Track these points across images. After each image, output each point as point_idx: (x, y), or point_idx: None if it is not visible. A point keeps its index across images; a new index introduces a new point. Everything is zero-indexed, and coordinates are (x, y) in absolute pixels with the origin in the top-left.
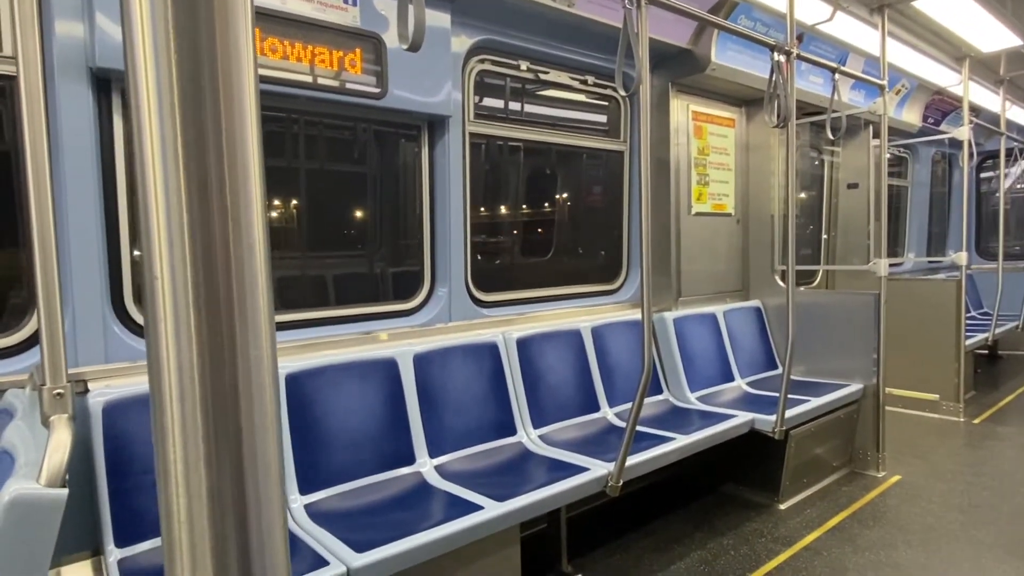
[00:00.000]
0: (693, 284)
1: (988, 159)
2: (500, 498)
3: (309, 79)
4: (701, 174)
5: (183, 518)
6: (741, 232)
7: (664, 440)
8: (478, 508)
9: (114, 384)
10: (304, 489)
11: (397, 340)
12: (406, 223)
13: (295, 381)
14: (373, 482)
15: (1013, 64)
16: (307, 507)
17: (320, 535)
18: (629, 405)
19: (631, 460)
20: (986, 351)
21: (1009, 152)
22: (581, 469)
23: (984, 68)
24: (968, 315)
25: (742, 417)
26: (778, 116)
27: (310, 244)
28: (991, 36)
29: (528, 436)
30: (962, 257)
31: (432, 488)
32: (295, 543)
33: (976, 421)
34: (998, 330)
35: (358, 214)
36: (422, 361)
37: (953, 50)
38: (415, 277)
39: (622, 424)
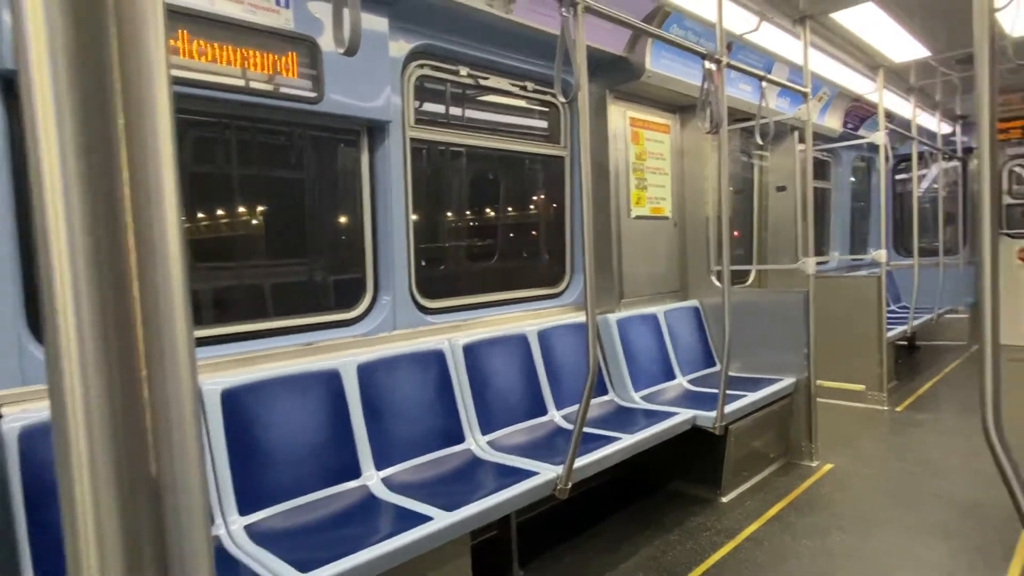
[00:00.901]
0: (635, 286)
1: (902, 162)
2: (449, 507)
3: (241, 83)
4: (639, 178)
5: (94, 569)
6: (678, 234)
7: (611, 440)
8: (427, 519)
9: (31, 408)
10: (244, 509)
11: (340, 351)
12: (347, 230)
13: (232, 397)
14: (318, 498)
15: (922, 74)
16: (248, 528)
17: (262, 557)
18: (576, 407)
19: (579, 462)
20: (906, 342)
21: (920, 156)
22: (530, 473)
23: (897, 77)
24: (888, 309)
25: (684, 415)
26: (711, 122)
27: (246, 253)
28: (902, 48)
29: (476, 443)
30: (882, 255)
31: (379, 501)
32: (235, 567)
33: (899, 409)
34: (916, 322)
35: (296, 221)
36: (366, 371)
37: (869, 60)
38: (357, 285)
39: (569, 426)
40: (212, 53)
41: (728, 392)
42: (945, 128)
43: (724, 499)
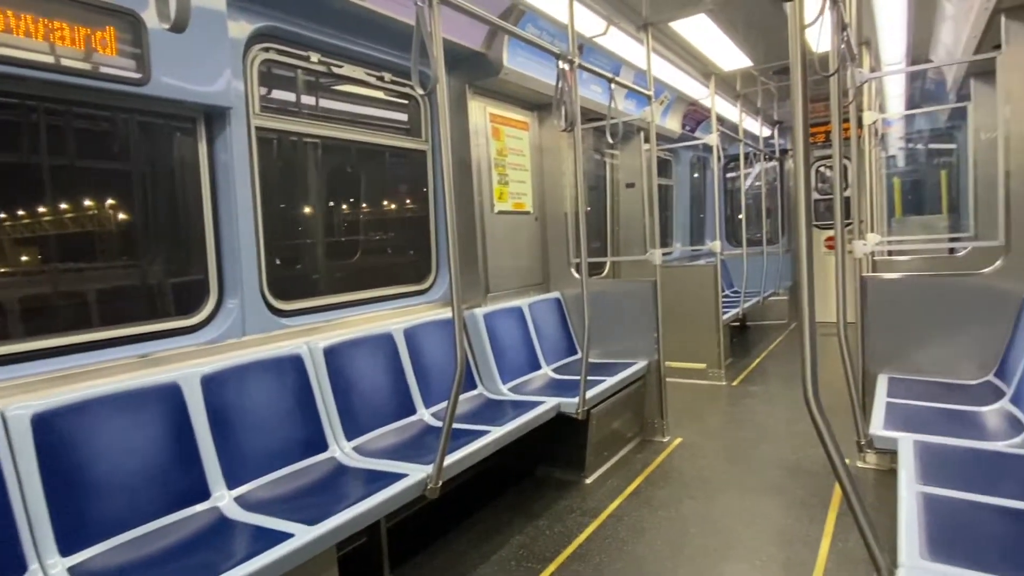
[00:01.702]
0: (500, 280)
1: (731, 161)
2: (312, 521)
3: (49, 59)
4: (501, 174)
5: None
6: (540, 229)
7: (480, 434)
8: (288, 536)
9: None
10: (67, 549)
11: (182, 361)
12: (186, 227)
13: (47, 422)
14: (160, 527)
15: (746, 82)
16: (73, 570)
17: None
18: (445, 404)
19: (449, 459)
20: (738, 323)
21: (746, 156)
22: (399, 476)
23: (726, 84)
24: (723, 294)
25: (549, 403)
26: (566, 120)
27: (64, 255)
28: (730, 58)
29: (341, 449)
30: (716, 245)
31: (233, 522)
32: None
33: (735, 383)
34: (746, 305)
35: (125, 218)
36: (212, 383)
37: (702, 67)
38: (200, 288)
39: (439, 424)
40: (4, 21)
41: (588, 378)
42: (766, 131)
43: (588, 480)
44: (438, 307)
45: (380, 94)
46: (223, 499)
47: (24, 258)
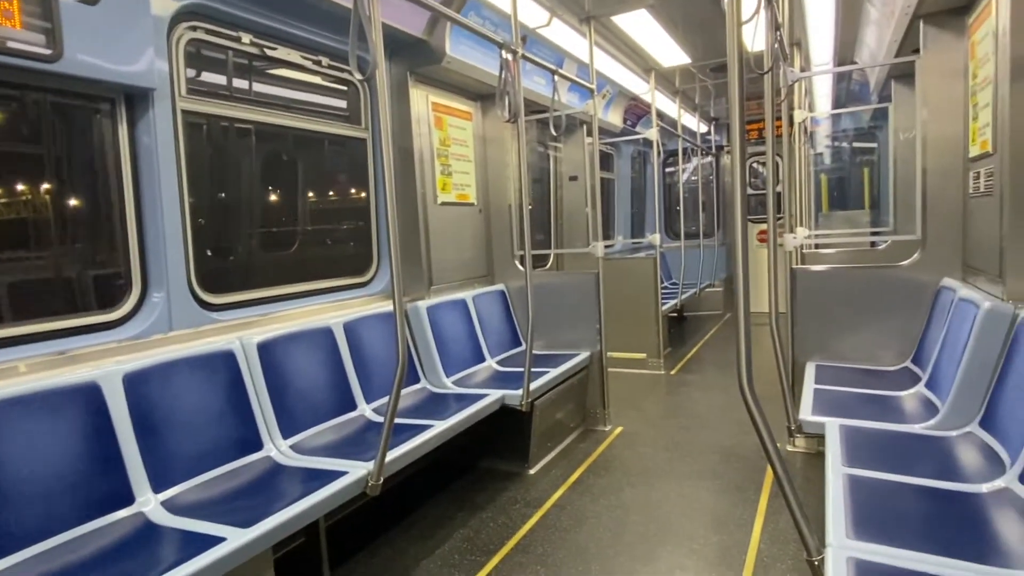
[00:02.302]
0: (443, 272)
1: (670, 156)
2: (245, 524)
3: None
4: (444, 164)
5: None
6: (484, 221)
7: (423, 429)
8: (219, 540)
9: None
10: None
11: (101, 359)
12: (105, 214)
13: None
14: (78, 535)
15: (684, 79)
16: None
17: None
18: (387, 399)
19: (391, 455)
20: (676, 314)
21: (684, 151)
22: (339, 474)
23: (665, 80)
24: (662, 285)
25: (494, 395)
26: (509, 111)
27: None
28: (669, 54)
29: (277, 448)
30: (656, 238)
31: (159, 528)
32: None
33: (673, 372)
34: (683, 296)
35: (35, 205)
36: (135, 381)
37: (643, 63)
38: (120, 280)
39: (380, 419)
40: None
41: (532, 370)
42: (703, 128)
43: (532, 471)
44: (380, 300)
45: (317, 79)
46: (148, 504)
47: None
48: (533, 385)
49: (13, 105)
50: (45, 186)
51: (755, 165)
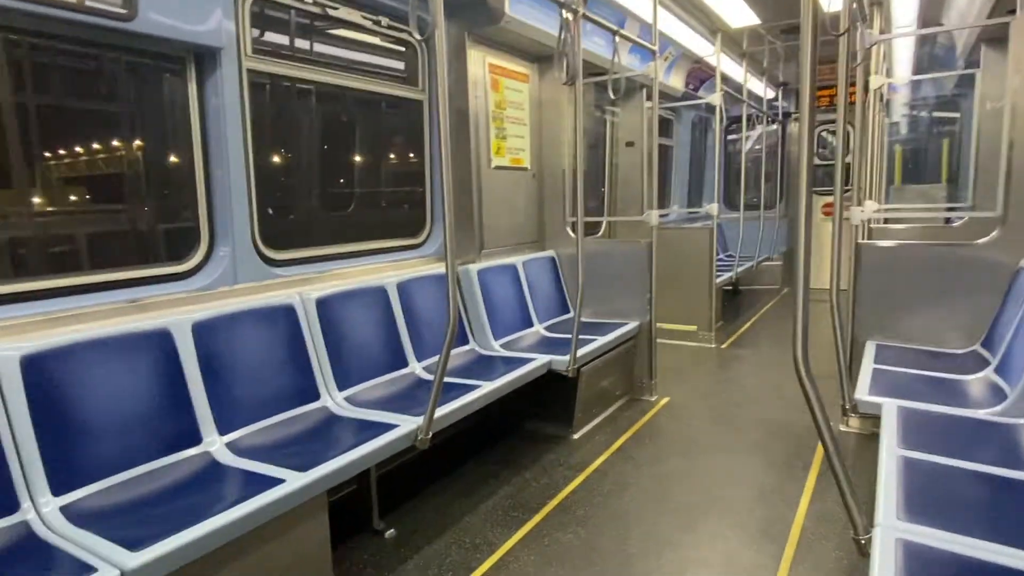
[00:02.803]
0: (495, 236)
1: (733, 123)
2: (303, 468)
3: None
4: (499, 128)
5: None
6: (536, 186)
7: (471, 388)
8: (279, 481)
9: None
10: (58, 489)
11: (172, 308)
12: (177, 172)
13: (37, 363)
14: (151, 469)
15: (753, 41)
16: (64, 509)
17: (83, 538)
18: (437, 358)
19: (440, 411)
20: (731, 287)
21: (748, 118)
22: (390, 427)
23: (732, 43)
24: (718, 257)
25: (540, 359)
26: (567, 74)
27: (52, 198)
28: (737, 14)
29: (333, 399)
30: (714, 208)
31: (224, 467)
32: (49, 553)
33: (724, 346)
34: (739, 269)
35: (114, 161)
36: (203, 330)
37: (709, 23)
38: (191, 235)
39: (430, 377)
40: None
41: (580, 337)
42: (770, 93)
43: (575, 436)
44: (432, 262)
45: (376, 40)
46: (214, 444)
47: (11, 199)
48: (580, 352)
49: (91, 64)
50: (119, 142)
51: (824, 134)
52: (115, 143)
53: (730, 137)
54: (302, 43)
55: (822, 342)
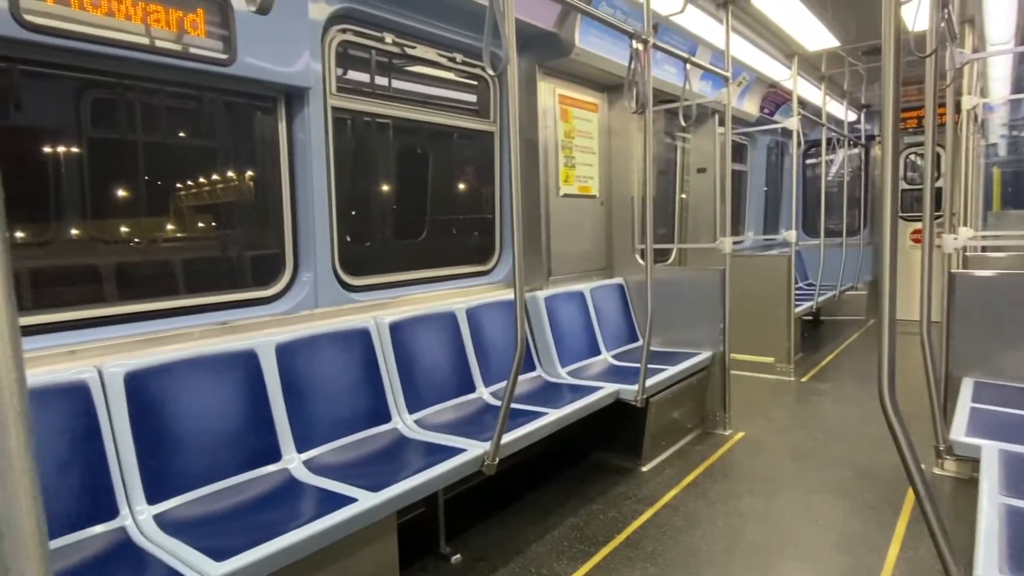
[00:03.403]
0: (562, 263)
1: (812, 147)
2: (375, 488)
3: (144, 40)
4: (568, 156)
5: None
6: (605, 213)
7: (537, 415)
8: (352, 500)
9: None
10: (153, 498)
11: (258, 330)
12: (265, 203)
13: (137, 380)
14: (235, 483)
15: (832, 63)
16: (157, 517)
17: (174, 547)
18: (504, 383)
19: (507, 438)
20: (811, 317)
21: (828, 142)
22: (458, 451)
23: (809, 66)
24: (796, 286)
25: (608, 388)
26: (637, 102)
27: (154, 226)
28: (815, 37)
29: (403, 422)
30: (792, 235)
31: (301, 484)
32: (143, 559)
33: (804, 379)
34: (820, 299)
35: (209, 193)
36: (286, 352)
37: (785, 47)
38: (276, 262)
39: (497, 403)
40: (108, 5)
41: (649, 366)
42: (851, 116)
43: (644, 468)
44: (500, 288)
45: (451, 75)
46: (293, 462)
47: (119, 229)
48: (650, 381)
49: (193, 104)
50: (215, 176)
51: (912, 157)
52: (212, 177)
53: (808, 162)
54: (381, 80)
55: (912, 378)
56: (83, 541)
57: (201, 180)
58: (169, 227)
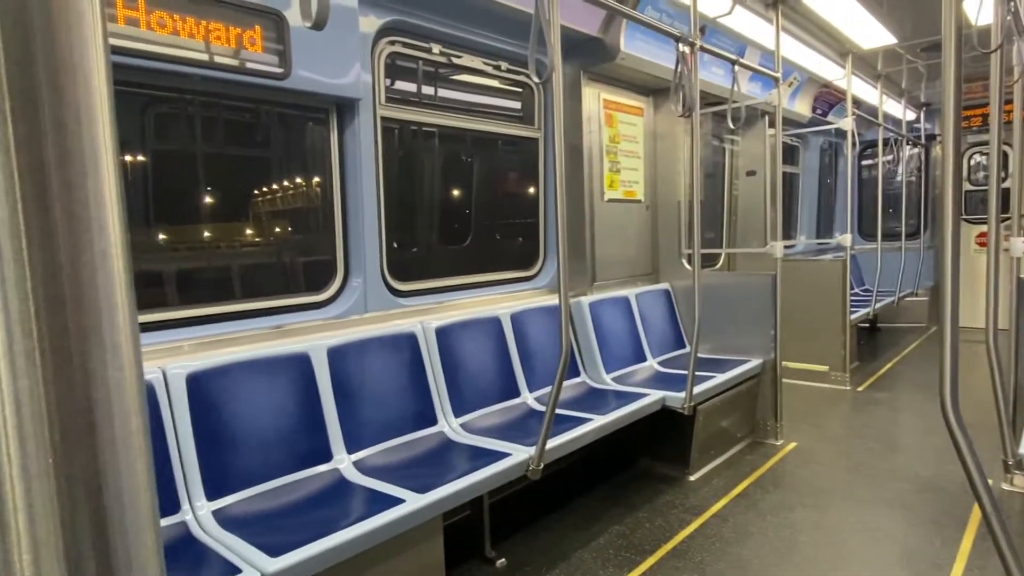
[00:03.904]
0: (607, 269)
1: (868, 148)
2: (422, 490)
3: (205, 57)
4: (612, 161)
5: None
6: (650, 218)
7: (582, 421)
8: (400, 501)
9: None
10: (212, 494)
11: (310, 334)
12: (317, 211)
13: (197, 381)
14: (288, 482)
15: (889, 61)
16: (216, 513)
17: (231, 542)
18: (548, 389)
19: (551, 443)
20: (868, 324)
21: (886, 142)
22: (503, 455)
23: (864, 64)
24: (852, 292)
25: (654, 395)
26: (683, 106)
27: (213, 233)
28: (871, 34)
29: (449, 425)
30: (847, 239)
31: (351, 484)
32: (203, 552)
33: (860, 389)
34: (878, 305)
35: (264, 201)
36: (337, 355)
37: (838, 46)
38: (328, 267)
39: (542, 408)
40: (173, 25)
41: (697, 373)
42: (910, 115)
43: (692, 477)
44: (545, 294)
45: (496, 83)
46: (343, 462)
47: (181, 236)
48: (697, 389)
49: (249, 117)
50: (270, 185)
51: (977, 156)
52: (267, 186)
53: (864, 163)
54: (428, 90)
55: (979, 389)
56: None
57: (257, 189)
58: (227, 234)
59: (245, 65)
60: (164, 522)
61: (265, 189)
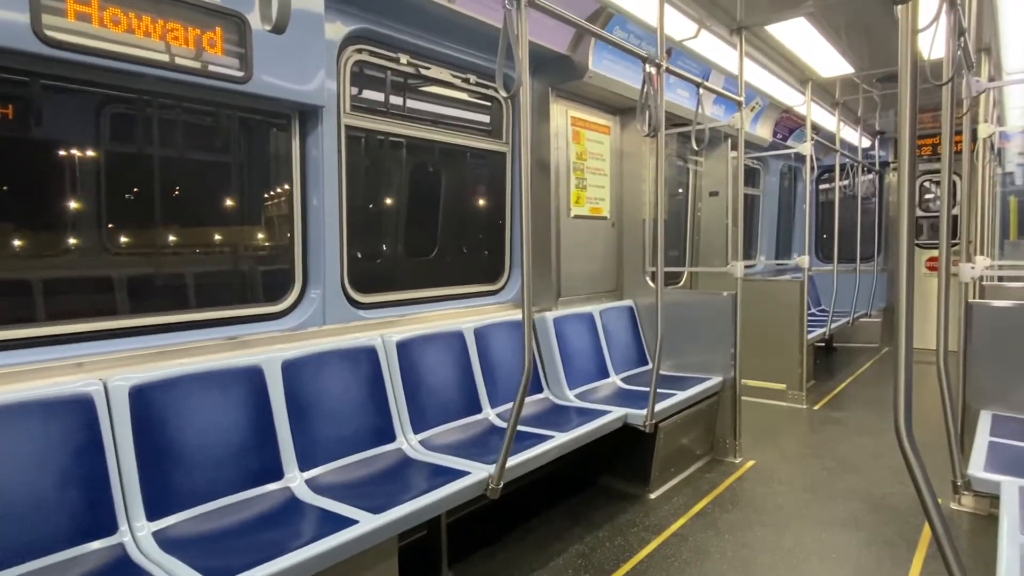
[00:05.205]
0: (572, 285)
1: (826, 172)
2: (376, 510)
3: (163, 57)
4: (579, 178)
5: None
6: (616, 235)
7: (544, 439)
8: (352, 522)
9: None
10: (153, 514)
11: (265, 345)
12: (276, 218)
13: (143, 394)
14: (236, 501)
15: (846, 89)
16: (156, 534)
17: (171, 565)
18: (511, 405)
19: (512, 460)
20: (823, 344)
21: (842, 167)
22: (462, 473)
23: (823, 91)
24: (809, 312)
25: (616, 413)
26: (649, 125)
27: (166, 239)
28: (830, 63)
29: (408, 442)
30: (804, 260)
31: (302, 504)
32: None
33: (816, 407)
34: (833, 325)
35: (221, 208)
36: (292, 368)
37: (799, 73)
38: (286, 277)
39: (504, 424)
40: (128, 23)
41: (658, 391)
42: (865, 142)
43: (652, 495)
44: (509, 308)
45: (464, 95)
46: (295, 480)
47: (131, 241)
48: (659, 406)
49: (209, 121)
50: (229, 191)
51: (928, 184)
52: (224, 192)
53: (822, 187)
54: (395, 100)
55: (929, 409)
56: (80, 557)
57: (214, 195)
58: (181, 240)
59: (205, 67)
60: (98, 544)
61: (223, 195)
